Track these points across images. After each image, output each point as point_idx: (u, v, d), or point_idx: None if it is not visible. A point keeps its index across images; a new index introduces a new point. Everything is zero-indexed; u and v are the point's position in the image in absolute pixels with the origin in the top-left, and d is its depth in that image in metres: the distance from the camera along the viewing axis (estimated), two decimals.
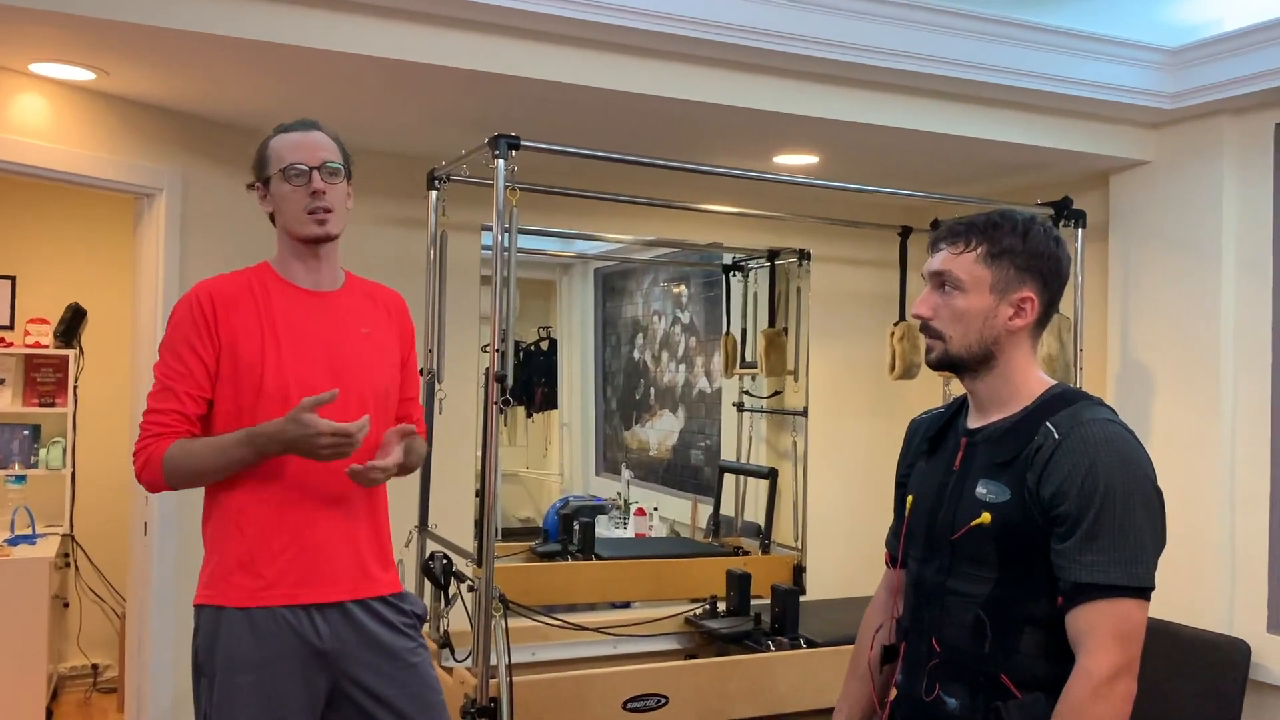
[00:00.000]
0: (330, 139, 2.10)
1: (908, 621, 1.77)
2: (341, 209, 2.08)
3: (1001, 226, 1.66)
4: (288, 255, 2.09)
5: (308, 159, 2.03)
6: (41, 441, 4.88)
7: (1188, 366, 3.52)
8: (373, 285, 2.22)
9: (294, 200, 2.03)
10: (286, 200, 2.04)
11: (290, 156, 2.04)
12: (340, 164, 2.08)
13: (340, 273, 2.15)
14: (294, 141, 2.05)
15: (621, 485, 5.30)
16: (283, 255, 2.10)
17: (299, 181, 2.03)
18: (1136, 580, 1.51)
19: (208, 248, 3.49)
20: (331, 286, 2.12)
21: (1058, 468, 1.55)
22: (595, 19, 2.75)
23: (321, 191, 2.03)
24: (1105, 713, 1.49)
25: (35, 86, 2.99)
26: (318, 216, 2.03)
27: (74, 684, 4.99)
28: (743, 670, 3.31)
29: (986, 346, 1.66)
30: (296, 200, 2.03)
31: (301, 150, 2.04)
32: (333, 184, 2.05)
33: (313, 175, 2.03)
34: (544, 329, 5.42)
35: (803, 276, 4.76)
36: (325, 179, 2.04)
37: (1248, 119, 3.40)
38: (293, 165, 2.03)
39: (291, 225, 2.05)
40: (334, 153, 2.08)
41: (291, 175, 2.03)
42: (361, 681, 2.03)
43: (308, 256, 2.09)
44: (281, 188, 2.04)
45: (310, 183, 2.02)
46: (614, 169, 3.71)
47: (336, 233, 2.07)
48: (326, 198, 2.03)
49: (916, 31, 3.09)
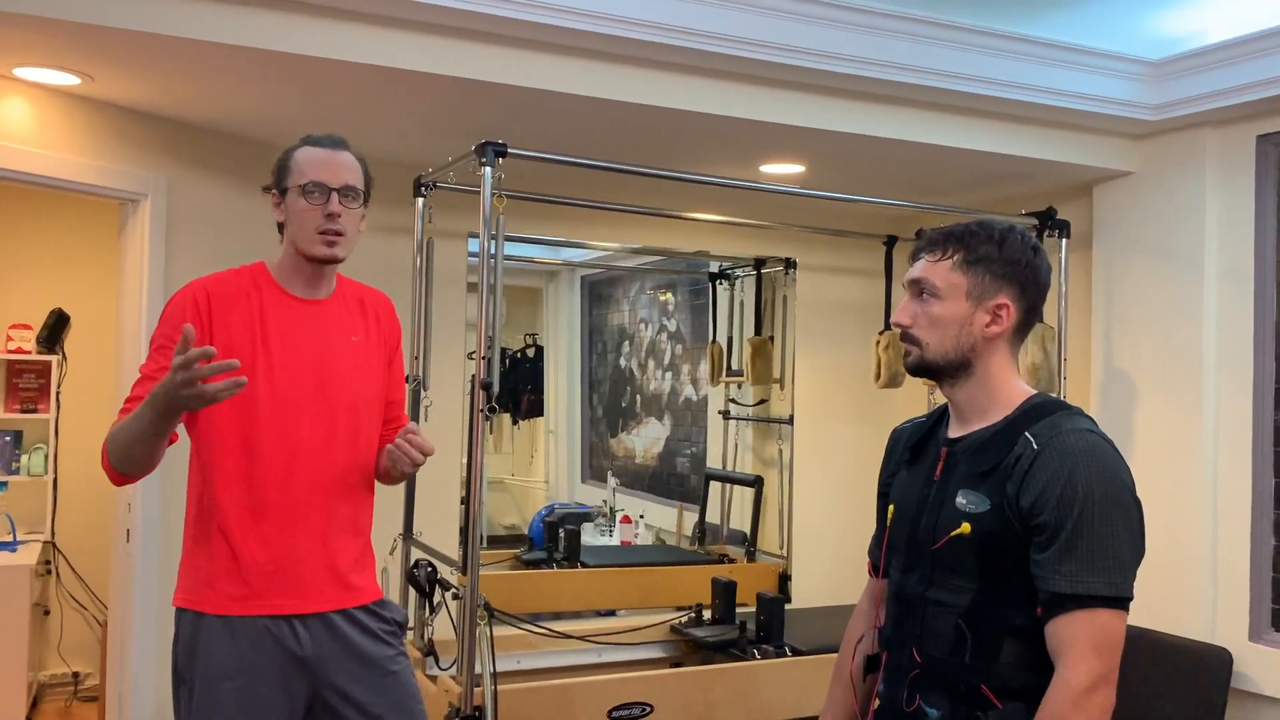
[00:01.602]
0: (356, 161, 2.07)
1: (889, 631, 1.76)
2: (353, 233, 2.05)
3: (978, 234, 1.67)
4: (290, 267, 2.08)
5: (329, 179, 2.01)
6: (23, 448, 4.85)
7: (1170, 375, 3.54)
8: (362, 289, 2.20)
9: (308, 218, 2.01)
10: (300, 216, 2.02)
11: (312, 173, 2.01)
12: (361, 189, 2.06)
13: (333, 279, 2.14)
14: (319, 158, 2.03)
15: (607, 493, 5.29)
16: (284, 265, 2.08)
17: (316, 200, 2.00)
18: (1115, 591, 1.51)
19: (193, 253, 3.48)
20: (325, 294, 2.11)
21: (1037, 478, 1.55)
22: (582, 28, 2.76)
23: (337, 214, 2.00)
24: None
25: (20, 91, 2.97)
26: (328, 238, 2.01)
27: (54, 692, 4.94)
28: (728, 678, 3.31)
29: (964, 353, 1.66)
30: (310, 218, 2.01)
31: (325, 169, 2.01)
32: (350, 208, 2.03)
33: (331, 196, 2.00)
34: (530, 336, 5.42)
35: (789, 285, 4.77)
36: (343, 202, 2.02)
37: (1230, 131, 3.43)
38: (313, 182, 2.00)
39: (301, 242, 2.03)
40: (357, 176, 2.05)
41: (310, 192, 2.00)
42: (342, 689, 2.02)
43: (312, 273, 2.07)
44: (298, 202, 2.02)
45: (328, 204, 2.00)
46: (601, 177, 3.72)
47: (344, 256, 2.05)
48: (340, 221, 2.01)
49: (902, 42, 3.11)
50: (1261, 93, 3.17)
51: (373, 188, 2.12)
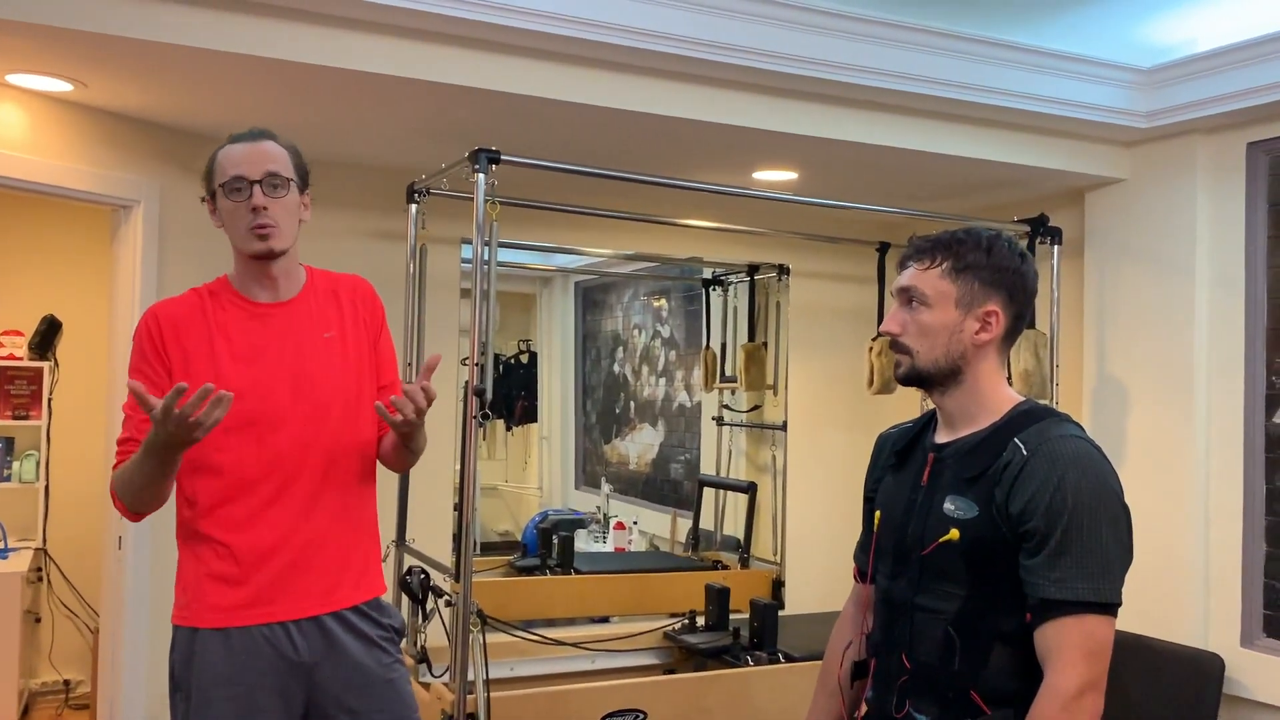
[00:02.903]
0: (282, 149, 2.00)
1: (878, 637, 1.76)
2: (289, 222, 1.98)
3: (965, 242, 1.68)
4: (243, 273, 2.02)
5: (249, 171, 1.93)
6: (15, 454, 4.83)
7: (1162, 381, 3.55)
8: (335, 277, 2.13)
9: (237, 216, 1.95)
10: (230, 216, 1.96)
11: (233, 169, 1.94)
12: (288, 175, 1.97)
13: (300, 276, 2.07)
14: (239, 153, 1.95)
15: (601, 499, 5.29)
16: (239, 272, 2.03)
17: (239, 197, 1.94)
18: (1103, 597, 1.52)
19: (185, 260, 3.47)
20: (290, 295, 2.05)
21: (1026, 484, 1.55)
22: (575, 35, 2.76)
23: (262, 207, 1.93)
24: None
25: (12, 97, 2.97)
26: (259, 231, 1.94)
27: (46, 700, 4.92)
28: (721, 685, 3.30)
29: (953, 361, 1.67)
30: (239, 216, 1.94)
31: (245, 163, 1.94)
32: (277, 197, 1.95)
33: (254, 189, 1.93)
34: (524, 342, 5.42)
35: (782, 291, 4.78)
36: (267, 193, 1.94)
37: (1220, 138, 3.44)
38: (234, 178, 1.93)
39: (238, 242, 1.98)
40: (282, 163, 1.97)
41: (231, 190, 1.94)
42: (338, 696, 2.01)
43: (260, 273, 2.01)
44: (225, 203, 1.96)
45: (251, 197, 1.93)
46: (594, 183, 3.72)
47: (282, 248, 1.98)
48: (269, 213, 1.94)
49: (895, 50, 3.12)
50: (1251, 100, 3.19)
51: (309, 173, 2.05)
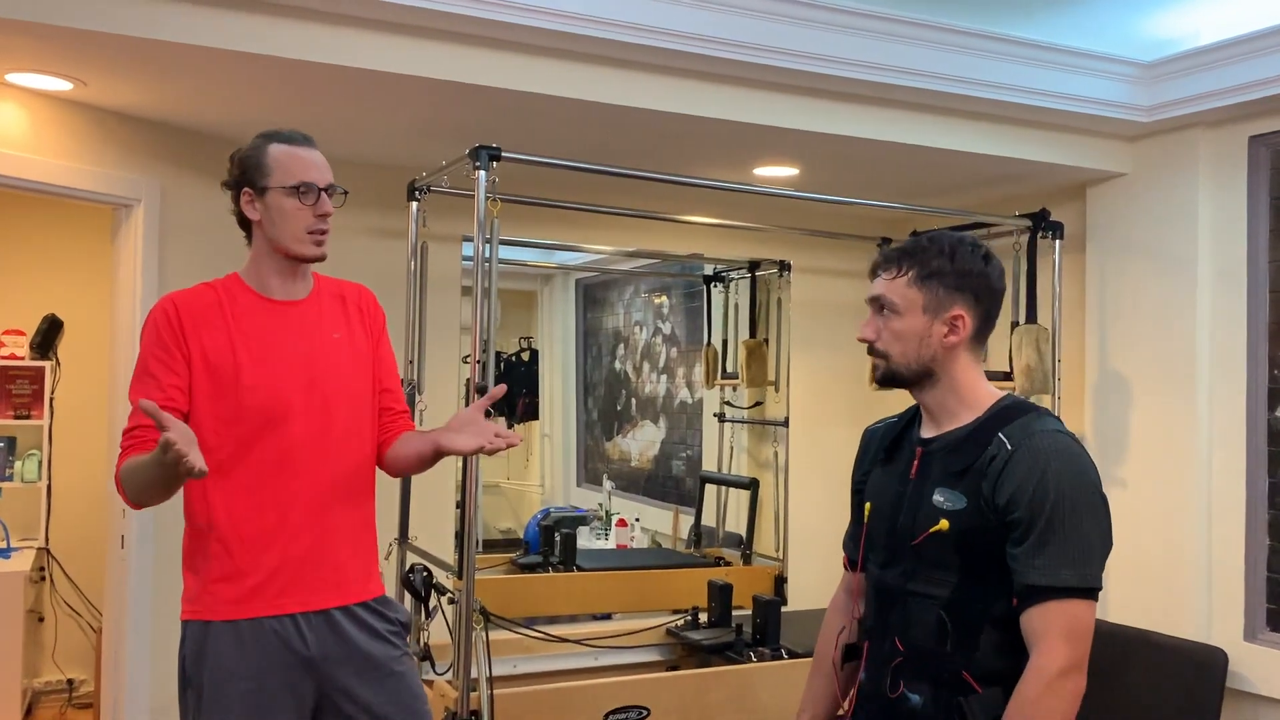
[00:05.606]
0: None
1: (871, 622, 1.85)
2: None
3: (929, 250, 1.76)
4: (267, 268, 2.07)
5: (318, 179, 2.03)
6: (17, 454, 4.84)
7: (1164, 376, 3.55)
8: (341, 284, 2.20)
9: (297, 218, 2.02)
10: (287, 216, 2.02)
11: (301, 174, 2.01)
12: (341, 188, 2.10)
13: (309, 278, 2.14)
14: (302, 158, 2.03)
15: (603, 496, 5.29)
16: (259, 267, 2.07)
17: (309, 200, 2.02)
18: (1085, 582, 1.62)
19: (186, 258, 3.47)
20: (302, 294, 2.11)
21: (1010, 477, 1.65)
22: (576, 31, 2.76)
23: (330, 214, 2.04)
24: (1056, 707, 1.59)
25: (12, 96, 2.97)
26: (317, 238, 2.03)
27: (49, 699, 4.93)
28: (724, 681, 3.31)
29: (925, 363, 1.76)
30: (300, 218, 2.02)
31: (312, 169, 2.03)
32: (336, 207, 2.07)
33: (322, 196, 2.03)
34: (525, 340, 5.42)
35: (783, 287, 4.78)
36: (332, 202, 2.05)
37: (1222, 132, 3.44)
38: (304, 183, 2.01)
39: (287, 242, 2.03)
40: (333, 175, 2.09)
41: (303, 193, 2.01)
42: (347, 689, 2.03)
43: (289, 272, 2.08)
44: (284, 202, 2.01)
45: (319, 204, 2.02)
46: (595, 180, 3.72)
47: (326, 255, 2.08)
48: (328, 220, 2.04)
49: (897, 45, 3.11)
50: (1253, 94, 3.18)
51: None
